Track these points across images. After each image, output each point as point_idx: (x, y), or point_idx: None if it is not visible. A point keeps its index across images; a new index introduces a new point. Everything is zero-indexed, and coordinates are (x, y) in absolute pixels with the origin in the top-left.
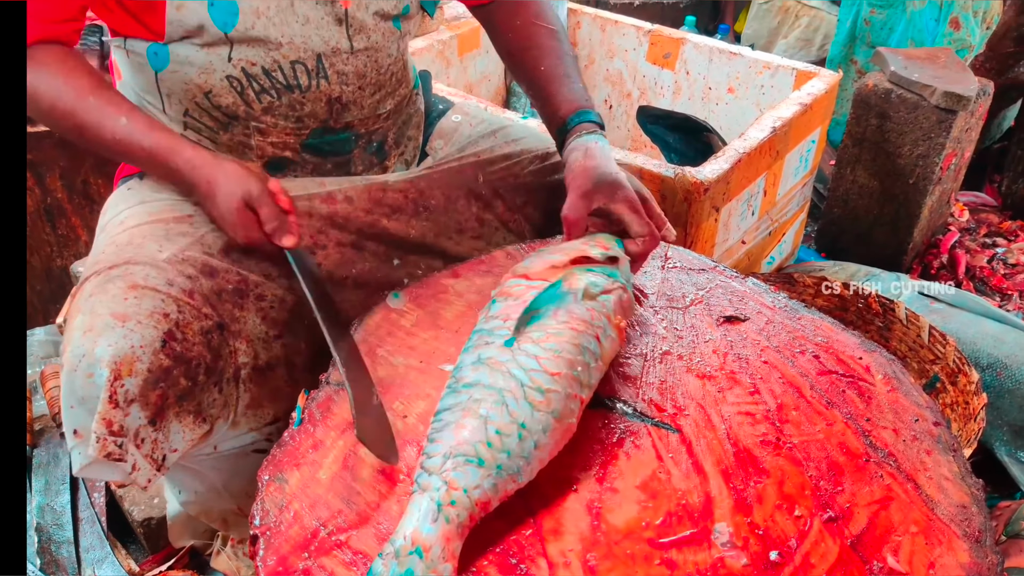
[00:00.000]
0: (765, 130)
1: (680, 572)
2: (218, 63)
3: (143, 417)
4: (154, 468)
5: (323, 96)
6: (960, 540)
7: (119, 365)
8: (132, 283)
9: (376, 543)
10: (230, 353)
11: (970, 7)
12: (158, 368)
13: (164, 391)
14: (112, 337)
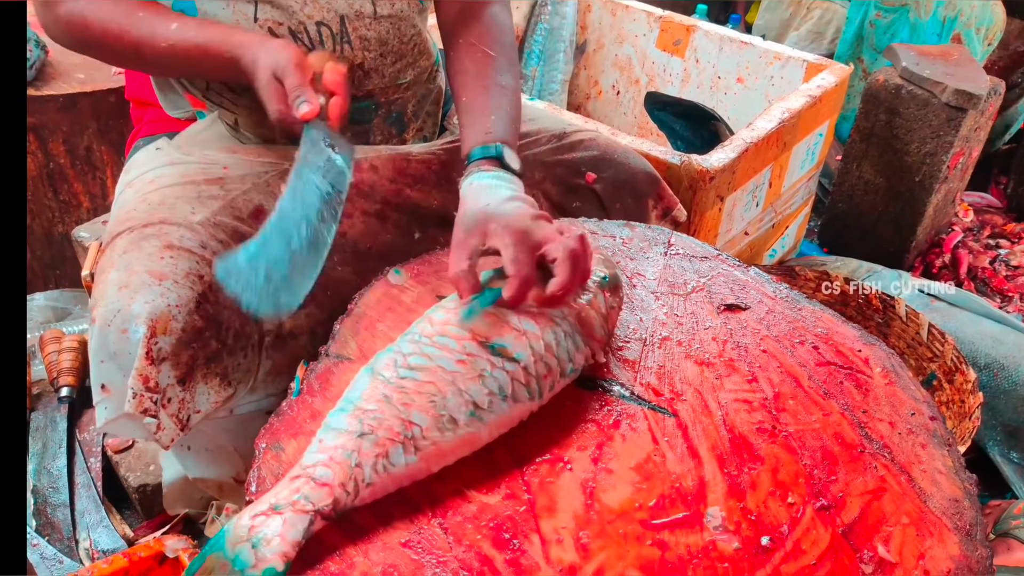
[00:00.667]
0: (773, 121)
1: (672, 553)
2: (244, 22)
3: (173, 377)
4: (179, 428)
5: (345, 61)
6: (951, 532)
7: (155, 322)
8: (168, 243)
9: (371, 513)
10: (257, 319)
11: (973, 24)
12: (192, 328)
13: (195, 352)
14: (149, 295)
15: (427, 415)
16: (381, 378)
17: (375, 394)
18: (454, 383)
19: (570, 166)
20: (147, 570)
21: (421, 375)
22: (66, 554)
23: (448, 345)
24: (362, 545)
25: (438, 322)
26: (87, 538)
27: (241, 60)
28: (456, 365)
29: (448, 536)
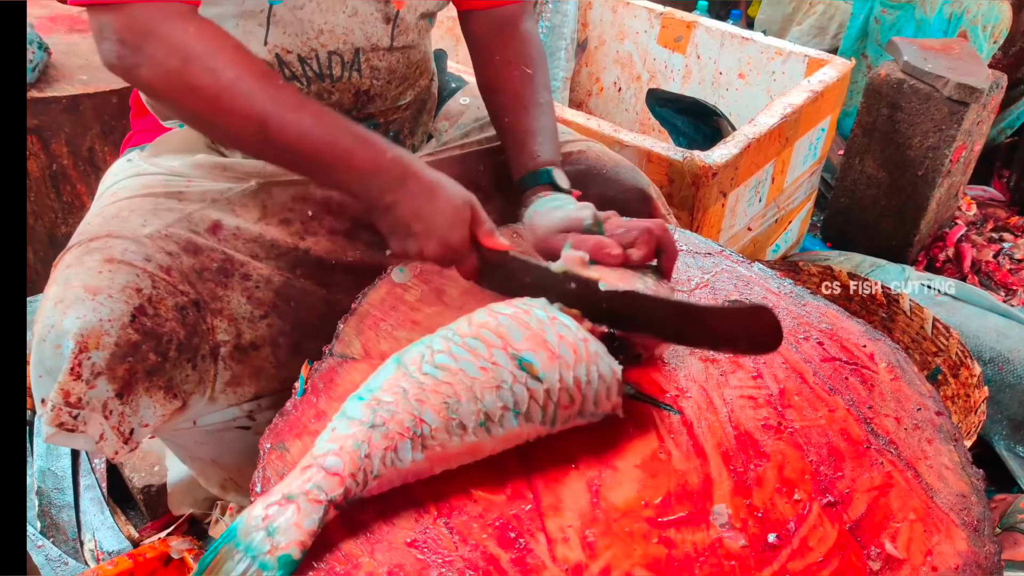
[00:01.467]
0: (775, 116)
1: (678, 551)
2: (254, 45)
3: (111, 390)
4: (121, 440)
5: (352, 87)
6: (958, 528)
7: (85, 338)
8: (109, 256)
9: (376, 512)
10: (207, 330)
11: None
12: (126, 342)
13: (132, 365)
14: (81, 310)
15: (439, 416)
16: (405, 370)
17: (394, 386)
18: (472, 389)
19: None
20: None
21: (442, 374)
22: (71, 555)
23: (477, 349)
24: (367, 545)
25: (476, 323)
26: (92, 539)
27: (409, 175)
28: (479, 371)
29: (454, 535)
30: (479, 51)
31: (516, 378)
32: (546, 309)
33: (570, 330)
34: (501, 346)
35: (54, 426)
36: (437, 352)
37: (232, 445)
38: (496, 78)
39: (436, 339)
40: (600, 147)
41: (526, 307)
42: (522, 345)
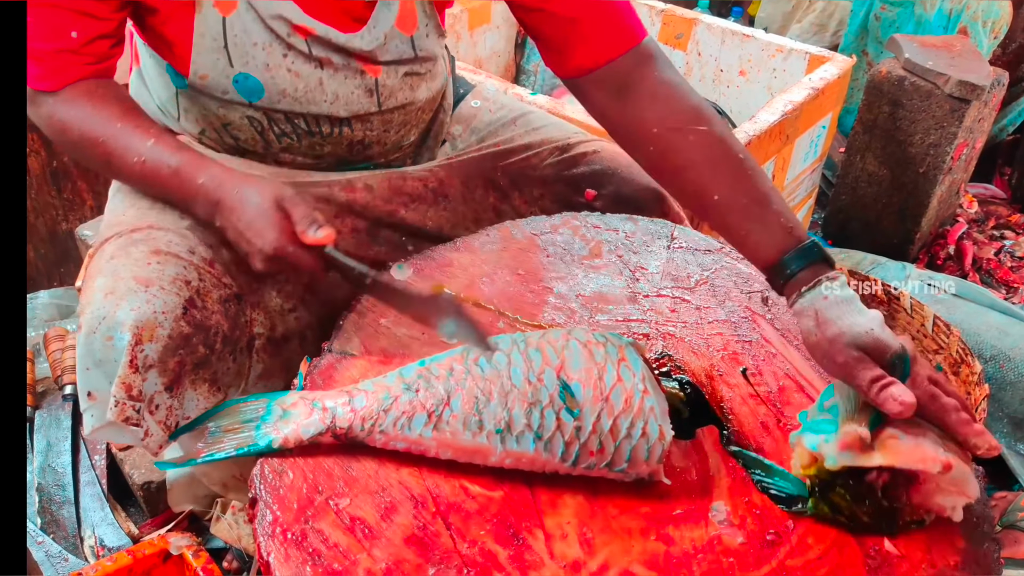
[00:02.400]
0: (775, 113)
1: (676, 548)
2: (239, 107)
3: (160, 384)
4: (166, 435)
5: (345, 141)
6: (958, 526)
7: (141, 330)
8: (155, 248)
9: (374, 509)
10: (246, 323)
11: (979, 17)
12: (178, 335)
13: (183, 358)
14: (135, 301)
15: (464, 407)
16: (467, 354)
17: (448, 365)
18: (506, 395)
19: (570, 183)
20: (151, 567)
21: (488, 372)
22: (71, 551)
23: (533, 361)
24: (366, 541)
25: (547, 338)
26: (92, 535)
27: (217, 195)
28: (522, 382)
29: (452, 532)
30: (616, 127)
31: (552, 403)
32: (621, 347)
33: (633, 376)
34: (555, 367)
35: (120, 420)
36: (498, 350)
37: None
38: (670, 154)
39: (506, 339)
40: (614, 146)
41: (603, 339)
42: (575, 374)
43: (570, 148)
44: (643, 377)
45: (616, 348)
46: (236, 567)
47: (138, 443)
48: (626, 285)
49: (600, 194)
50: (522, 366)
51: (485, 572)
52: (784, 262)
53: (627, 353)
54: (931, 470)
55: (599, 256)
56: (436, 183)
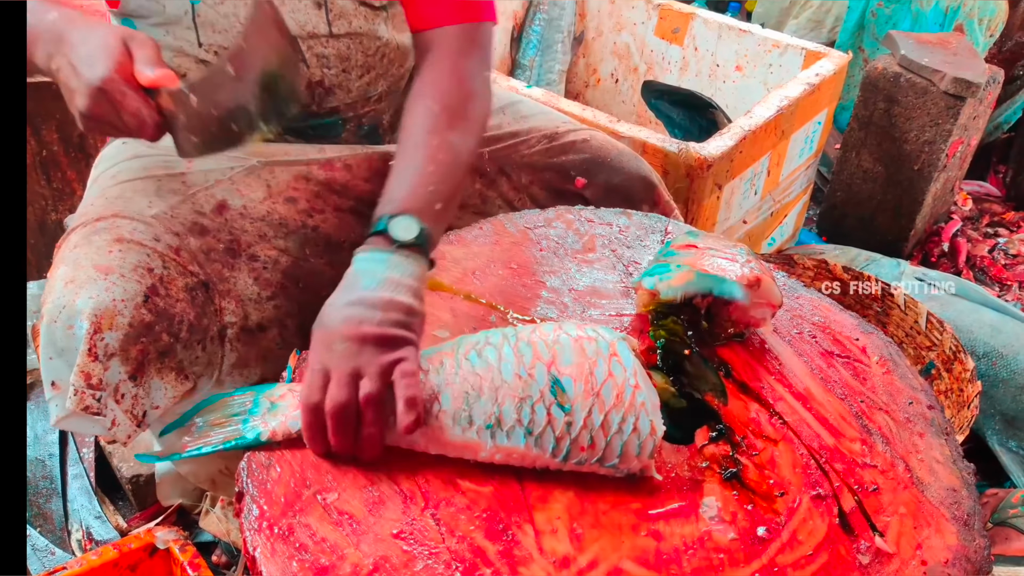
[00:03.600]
0: (771, 109)
1: (666, 544)
2: (189, 48)
3: (123, 372)
4: (134, 424)
5: (302, 79)
6: (949, 523)
7: (99, 318)
8: (118, 236)
9: (362, 504)
10: (215, 312)
11: (975, 14)
12: (139, 323)
13: (145, 346)
14: (94, 289)
15: (453, 402)
16: (456, 349)
17: (439, 359)
18: (496, 390)
19: (559, 170)
20: (137, 562)
21: (479, 366)
22: (58, 545)
23: (523, 356)
24: (353, 536)
25: (538, 332)
26: (79, 529)
27: (69, 27)
28: (513, 376)
29: (440, 527)
30: (413, 77)
31: (543, 398)
32: (613, 342)
33: (624, 371)
34: (546, 362)
35: (78, 410)
36: (488, 345)
37: None
38: (408, 110)
39: (497, 333)
40: (602, 135)
41: (594, 333)
42: (566, 369)
43: (559, 136)
44: (634, 372)
45: (607, 343)
46: (225, 561)
47: (105, 432)
48: (619, 279)
49: (589, 182)
50: (513, 361)
51: (473, 567)
52: (372, 226)
53: (618, 348)
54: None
55: (593, 250)
56: None
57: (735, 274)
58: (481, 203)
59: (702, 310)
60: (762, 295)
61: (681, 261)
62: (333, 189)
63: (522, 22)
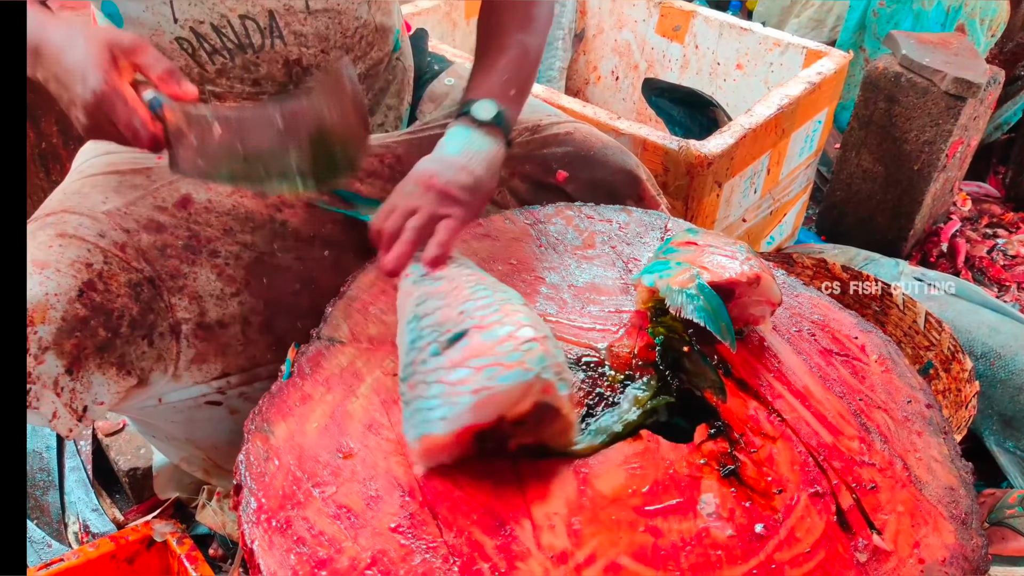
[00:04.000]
0: (772, 107)
1: (664, 540)
2: (166, 24)
3: (60, 366)
4: (74, 418)
5: (279, 57)
6: (946, 521)
7: (32, 312)
8: (61, 231)
9: (360, 498)
10: (164, 308)
11: (977, 14)
12: (73, 317)
13: (80, 340)
14: (28, 283)
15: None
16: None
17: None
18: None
19: (540, 163)
20: (134, 554)
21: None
22: (55, 537)
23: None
24: (351, 530)
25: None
26: (76, 521)
27: (43, 33)
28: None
29: (438, 521)
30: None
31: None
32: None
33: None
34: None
35: None
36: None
37: (204, 423)
38: (486, 8)
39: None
40: (588, 128)
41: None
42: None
43: (541, 129)
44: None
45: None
46: (221, 554)
47: (47, 425)
48: (619, 276)
49: (572, 176)
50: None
51: (471, 562)
52: (462, 103)
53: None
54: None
55: (592, 247)
56: (393, 159)
57: (734, 271)
58: None
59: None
60: (761, 293)
61: (681, 258)
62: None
63: None
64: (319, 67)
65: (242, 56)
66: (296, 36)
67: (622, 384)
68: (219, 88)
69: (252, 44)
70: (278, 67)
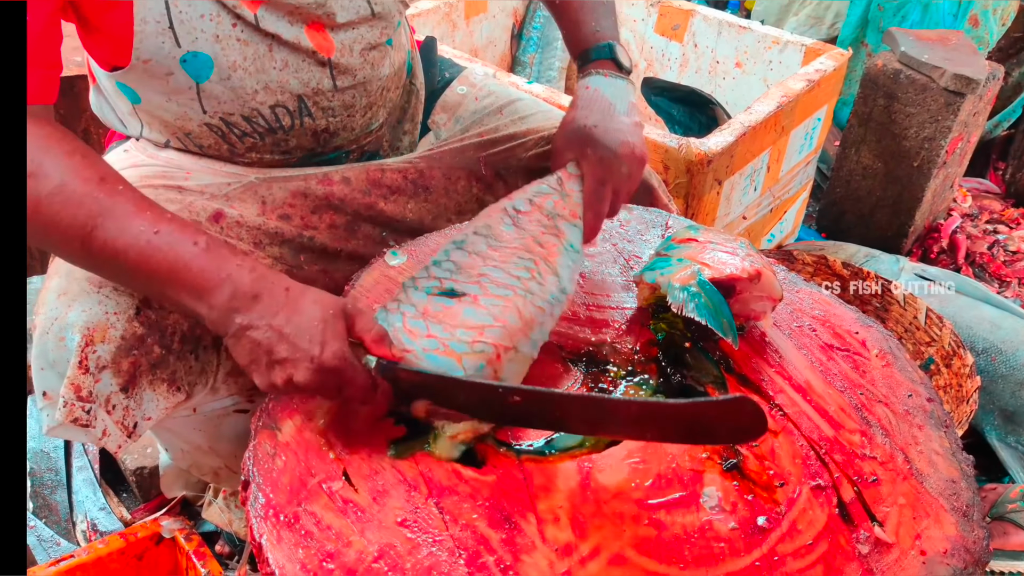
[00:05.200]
0: (771, 104)
1: (668, 533)
2: (193, 114)
3: (115, 384)
4: (124, 435)
5: (308, 131)
6: (948, 513)
7: (91, 331)
8: None
9: (367, 492)
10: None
11: (990, 4)
12: (131, 336)
13: (137, 359)
14: (87, 303)
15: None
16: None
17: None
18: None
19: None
20: (144, 551)
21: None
22: (63, 536)
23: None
24: (358, 524)
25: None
26: (84, 520)
27: (264, 284)
28: None
29: (444, 515)
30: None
31: None
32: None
33: None
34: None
35: (67, 422)
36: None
37: (229, 431)
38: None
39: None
40: None
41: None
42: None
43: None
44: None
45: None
46: (228, 551)
47: (95, 443)
48: (620, 273)
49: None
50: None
51: (477, 555)
52: (583, 55)
53: None
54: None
55: (594, 244)
56: (416, 174)
57: (735, 267)
58: (479, 208)
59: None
60: (762, 289)
61: (682, 255)
62: (331, 204)
63: (523, 19)
64: (344, 128)
65: (272, 137)
66: (324, 111)
67: (624, 380)
68: (248, 159)
69: (283, 126)
70: (307, 138)
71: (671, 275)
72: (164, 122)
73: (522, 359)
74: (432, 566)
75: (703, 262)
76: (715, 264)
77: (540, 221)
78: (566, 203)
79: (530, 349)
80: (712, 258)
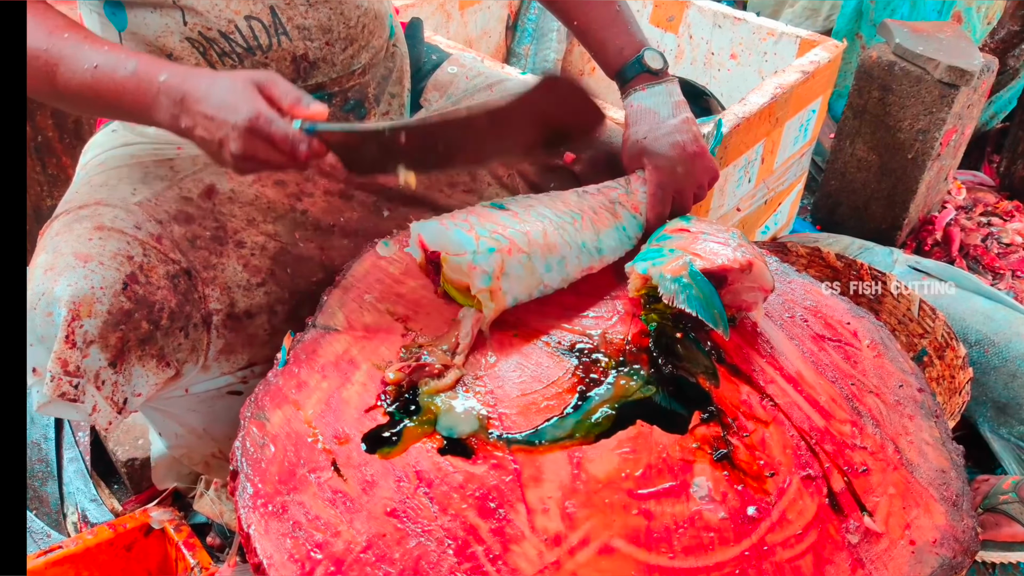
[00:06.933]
0: (765, 95)
1: (657, 523)
2: (175, 27)
3: (103, 359)
4: (115, 411)
5: (287, 55)
6: (937, 503)
7: (78, 305)
8: (99, 224)
9: (356, 483)
10: (199, 299)
11: (974, 1)
12: (118, 310)
13: (124, 333)
14: (72, 277)
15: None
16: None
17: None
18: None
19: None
20: (132, 541)
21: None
22: (53, 527)
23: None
24: (347, 514)
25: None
26: (75, 512)
27: (185, 87)
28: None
29: (434, 505)
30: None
31: None
32: None
33: None
34: None
35: (55, 396)
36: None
37: (223, 413)
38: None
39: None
40: None
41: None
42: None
43: None
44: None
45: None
46: (219, 543)
47: (86, 419)
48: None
49: (579, 157)
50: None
51: (466, 545)
52: (620, 74)
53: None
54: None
55: None
56: None
57: (727, 258)
58: (471, 181)
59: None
60: (754, 279)
61: (674, 245)
62: (323, 172)
63: (517, 10)
64: (324, 60)
65: (251, 59)
66: (300, 30)
67: (615, 370)
68: None
69: (260, 45)
70: (286, 64)
71: (663, 266)
72: (147, 44)
73: (530, 271)
74: (421, 556)
75: (695, 252)
76: (707, 254)
77: (602, 202)
78: (630, 198)
79: (542, 268)
80: (704, 248)
